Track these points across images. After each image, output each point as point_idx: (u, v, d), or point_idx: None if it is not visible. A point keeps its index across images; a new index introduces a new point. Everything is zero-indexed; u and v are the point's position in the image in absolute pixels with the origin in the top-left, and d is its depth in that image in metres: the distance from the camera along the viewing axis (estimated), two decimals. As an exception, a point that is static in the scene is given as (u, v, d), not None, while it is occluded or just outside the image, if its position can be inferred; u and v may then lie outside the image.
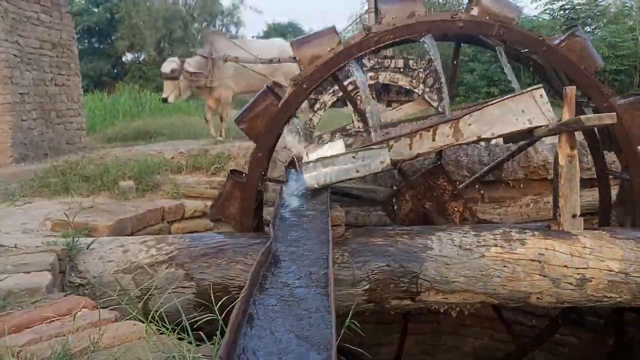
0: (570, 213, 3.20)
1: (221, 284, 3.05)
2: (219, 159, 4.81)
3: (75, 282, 2.98)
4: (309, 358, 1.46)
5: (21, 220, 3.76)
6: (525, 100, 3.25)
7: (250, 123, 3.53)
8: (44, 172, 4.96)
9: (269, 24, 41.97)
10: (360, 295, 3.12)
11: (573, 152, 3.16)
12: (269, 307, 1.80)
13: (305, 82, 3.45)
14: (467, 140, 3.34)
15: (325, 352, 1.47)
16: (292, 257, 2.30)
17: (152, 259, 3.11)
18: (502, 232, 3.21)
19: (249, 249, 3.16)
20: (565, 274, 3.07)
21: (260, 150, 3.52)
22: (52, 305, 2.16)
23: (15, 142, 7.39)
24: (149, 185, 4.61)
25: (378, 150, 3.20)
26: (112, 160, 4.97)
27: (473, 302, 3.21)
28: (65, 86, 8.87)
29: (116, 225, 3.71)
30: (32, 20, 8.03)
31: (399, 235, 3.25)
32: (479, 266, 3.11)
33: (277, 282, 2.02)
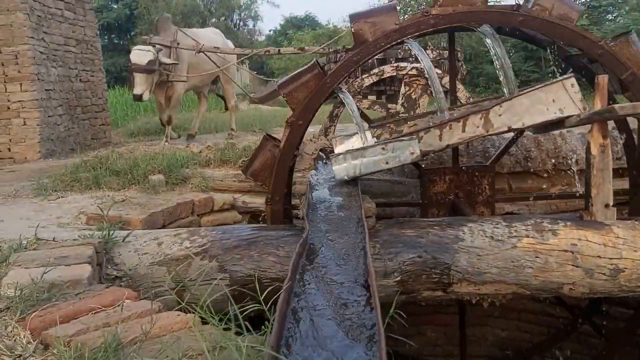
0: (603, 203, 3.19)
1: (254, 276, 3.07)
2: (245, 152, 4.85)
3: (112, 274, 3.03)
4: (356, 349, 1.48)
5: (56, 214, 3.83)
6: (556, 89, 3.23)
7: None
8: (75, 167, 5.04)
9: (286, 17, 42.03)
10: (392, 286, 3.13)
11: (605, 142, 3.14)
12: (310, 298, 1.82)
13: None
14: (497, 131, 3.33)
15: (372, 343, 1.49)
16: (328, 248, 2.33)
17: (185, 251, 3.15)
18: (534, 223, 3.20)
19: (280, 240, 3.19)
20: (598, 265, 3.05)
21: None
22: (96, 296, 2.21)
23: (43, 138, 7.51)
24: (178, 178, 4.66)
25: (408, 142, 3.21)
26: (141, 154, 5.03)
27: (505, 293, 3.20)
28: (89, 82, 8.98)
29: (149, 219, 3.76)
30: (57, 17, 8.13)
31: (430, 227, 3.26)
32: (510, 257, 3.11)
33: (317, 272, 2.05)
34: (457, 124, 3.30)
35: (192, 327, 1.82)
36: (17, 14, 7.22)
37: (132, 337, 1.76)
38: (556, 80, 3.23)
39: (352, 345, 1.49)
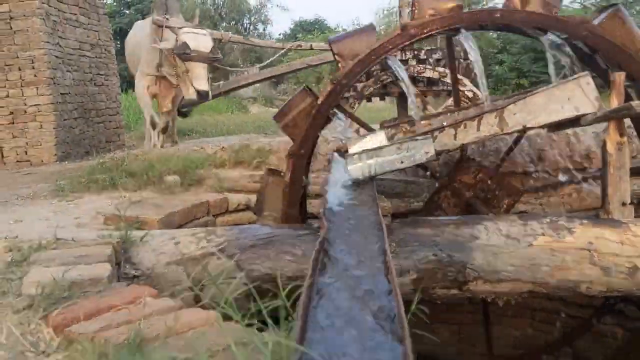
0: (620, 201, 3.17)
1: (270, 275, 3.09)
2: (260, 153, 4.88)
3: (130, 273, 3.06)
4: (383, 344, 1.49)
5: (74, 214, 3.88)
6: (571, 88, 3.22)
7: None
8: (91, 169, 5.10)
9: (295, 21, 42.13)
10: (408, 284, 3.14)
11: (622, 139, 3.13)
12: (331, 293, 1.83)
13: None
14: (512, 130, 3.33)
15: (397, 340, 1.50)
16: (347, 245, 2.34)
17: (202, 250, 3.17)
18: (550, 221, 3.19)
19: (296, 240, 3.20)
20: (615, 263, 3.04)
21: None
22: (117, 294, 2.24)
23: (59, 141, 7.60)
24: (193, 179, 4.70)
25: (423, 141, 3.21)
26: (156, 156, 5.07)
27: (521, 291, 3.20)
28: (104, 86, 9.07)
29: (165, 219, 3.80)
30: (72, 22, 8.23)
31: (445, 225, 3.26)
32: (526, 255, 3.11)
33: (337, 269, 2.06)
34: (472, 123, 3.30)
35: (215, 323, 1.84)
36: (34, 19, 7.32)
37: (156, 333, 1.79)
38: (572, 78, 3.22)
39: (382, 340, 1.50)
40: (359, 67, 3.44)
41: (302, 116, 3.52)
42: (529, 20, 3.37)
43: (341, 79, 3.46)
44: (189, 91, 6.27)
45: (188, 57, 5.96)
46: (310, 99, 3.54)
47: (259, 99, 29.59)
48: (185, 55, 6.01)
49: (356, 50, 3.50)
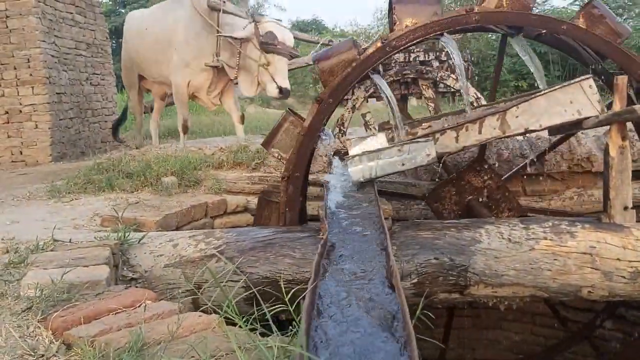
0: (622, 205, 3.16)
1: (270, 278, 3.07)
2: (259, 155, 4.84)
3: (128, 275, 3.03)
4: (388, 351, 1.46)
5: (71, 216, 3.84)
6: (573, 90, 3.21)
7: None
8: (88, 169, 5.05)
9: (293, 21, 42.12)
10: (409, 288, 3.11)
11: (625, 143, 3.11)
12: (335, 298, 1.81)
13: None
14: (514, 133, 3.31)
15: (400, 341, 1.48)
16: (348, 248, 2.31)
17: (201, 252, 3.14)
18: (552, 225, 3.17)
19: (296, 242, 3.17)
20: (617, 267, 3.03)
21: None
22: (116, 297, 2.21)
23: (54, 141, 7.55)
24: (191, 181, 4.66)
25: (424, 143, 3.20)
26: (153, 156, 5.04)
27: (522, 295, 3.18)
28: (100, 85, 9.03)
29: (163, 221, 3.76)
30: (68, 21, 8.18)
31: (447, 229, 3.24)
32: (528, 259, 3.08)
33: (339, 272, 2.03)
34: (474, 126, 3.28)
35: (216, 327, 1.81)
36: (30, 17, 7.27)
37: (156, 338, 1.76)
38: (574, 81, 3.21)
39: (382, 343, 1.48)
40: (343, 84, 3.41)
41: (289, 138, 3.50)
42: (507, 19, 3.37)
43: (327, 97, 3.42)
44: (267, 87, 5.72)
45: (273, 48, 5.46)
46: (293, 120, 3.51)
47: (256, 99, 29.54)
48: (271, 46, 5.50)
49: (339, 67, 3.46)
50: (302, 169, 3.49)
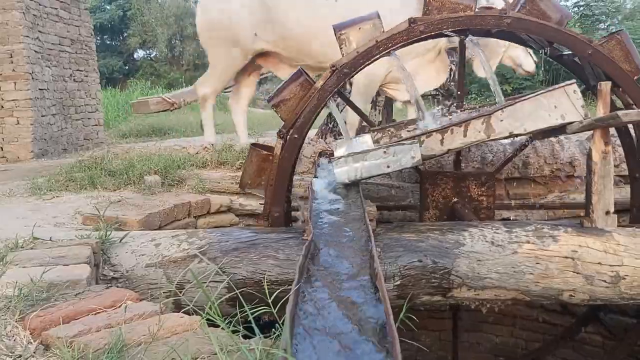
0: (604, 210, 3.19)
1: (253, 279, 3.05)
2: (243, 154, 4.81)
3: (109, 275, 2.99)
4: (369, 350, 1.46)
5: (52, 213, 3.79)
6: (558, 95, 3.23)
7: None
8: (70, 167, 4.99)
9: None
10: (392, 290, 3.11)
11: (607, 148, 3.14)
12: (319, 301, 1.80)
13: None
14: (498, 136, 3.32)
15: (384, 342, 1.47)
16: (333, 250, 2.30)
17: (183, 253, 3.12)
18: (535, 229, 3.19)
19: (280, 243, 3.16)
20: (599, 271, 3.05)
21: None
22: (97, 297, 2.18)
23: (36, 138, 7.46)
24: (174, 180, 4.62)
25: (409, 146, 3.20)
26: (137, 155, 4.99)
27: (505, 298, 3.19)
28: (83, 82, 8.94)
29: (145, 220, 3.73)
30: (52, 16, 8.09)
31: (431, 231, 3.24)
32: (511, 262, 3.10)
33: (323, 274, 2.02)
34: (459, 129, 3.29)
35: (198, 329, 1.79)
36: (13, 12, 7.17)
37: (137, 339, 1.73)
38: (558, 86, 3.23)
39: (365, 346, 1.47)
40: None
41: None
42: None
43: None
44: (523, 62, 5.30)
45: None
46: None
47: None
48: None
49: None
50: (281, 203, 3.47)
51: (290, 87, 3.46)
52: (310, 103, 3.37)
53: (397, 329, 1.92)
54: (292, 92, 3.45)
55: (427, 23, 3.34)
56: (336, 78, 3.37)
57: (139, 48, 29.44)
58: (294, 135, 3.40)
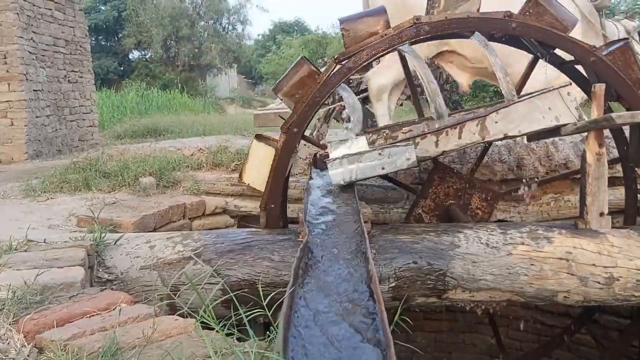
0: (598, 211, 3.20)
1: (248, 281, 3.05)
2: (238, 156, 4.81)
3: (104, 277, 2.99)
4: (365, 353, 1.46)
5: (46, 215, 3.78)
6: (552, 97, 3.24)
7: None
8: (64, 168, 4.98)
9: (275, 22, 42.07)
10: (387, 292, 3.11)
11: (601, 150, 3.15)
12: (314, 304, 1.80)
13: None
14: (493, 138, 3.33)
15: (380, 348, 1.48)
16: (328, 252, 2.31)
17: (178, 255, 3.11)
18: (529, 230, 3.20)
19: (275, 245, 3.15)
20: (593, 273, 3.06)
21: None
22: (91, 299, 2.17)
23: (30, 139, 7.44)
24: (169, 181, 4.61)
25: (404, 147, 3.20)
26: (132, 156, 4.98)
27: (499, 300, 3.20)
28: (78, 83, 8.92)
29: (140, 221, 3.72)
30: (46, 17, 8.07)
31: (426, 233, 3.25)
32: (505, 264, 3.10)
33: (318, 277, 2.03)
34: (454, 131, 3.29)
35: (193, 332, 1.79)
36: (7, 13, 7.15)
37: (131, 342, 1.73)
38: (553, 88, 3.24)
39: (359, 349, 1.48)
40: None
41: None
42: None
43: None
44: None
45: None
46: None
47: (237, 100, 29.48)
48: None
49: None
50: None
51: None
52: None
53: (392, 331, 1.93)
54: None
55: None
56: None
57: (134, 49, 29.41)
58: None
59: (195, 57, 28.17)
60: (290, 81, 3.41)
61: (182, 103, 21.20)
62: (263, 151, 3.46)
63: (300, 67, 3.41)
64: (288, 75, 3.42)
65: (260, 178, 3.43)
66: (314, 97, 3.31)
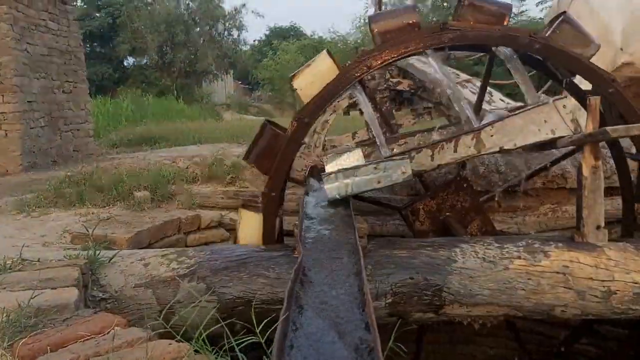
0: (595, 224, 3.18)
1: (243, 298, 3.02)
2: (234, 169, 4.79)
3: (98, 296, 2.96)
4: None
5: (40, 232, 3.75)
6: (547, 110, 3.25)
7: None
8: (59, 182, 4.94)
9: (271, 27, 42.11)
10: (384, 308, 3.10)
11: (597, 163, 3.14)
12: (308, 328, 1.78)
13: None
14: (489, 151, 3.32)
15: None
16: (323, 272, 2.28)
17: (173, 272, 3.09)
18: (526, 244, 3.19)
19: (270, 262, 3.13)
20: (590, 286, 3.05)
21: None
22: (85, 323, 2.15)
23: (25, 150, 7.40)
24: (164, 195, 4.59)
25: (399, 161, 3.19)
26: (126, 170, 4.95)
27: (497, 315, 3.18)
28: (72, 93, 8.87)
29: (134, 237, 3.70)
30: (40, 27, 8.04)
31: (422, 247, 3.23)
32: (502, 279, 3.09)
33: (313, 300, 2.00)
34: (449, 144, 3.28)
35: (186, 357, 1.77)
36: (1, 24, 7.12)
37: (125, 369, 1.71)
38: (548, 101, 3.24)
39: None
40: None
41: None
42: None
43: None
44: None
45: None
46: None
47: (233, 106, 29.45)
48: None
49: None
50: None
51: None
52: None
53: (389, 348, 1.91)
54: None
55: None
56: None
57: (129, 55, 29.35)
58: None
59: (191, 64, 28.12)
60: (258, 149, 3.52)
61: (178, 110, 21.16)
62: (248, 229, 3.47)
63: (263, 134, 3.51)
64: (257, 144, 3.53)
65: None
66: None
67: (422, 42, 3.33)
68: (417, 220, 4.02)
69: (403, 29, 3.36)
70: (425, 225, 4.03)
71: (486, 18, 3.39)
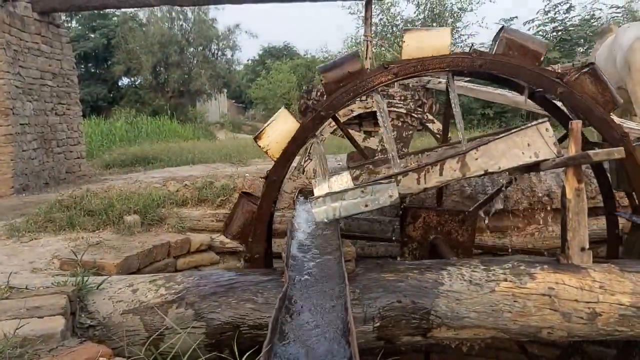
0: (579, 246, 3.22)
1: (232, 324, 3.03)
2: (224, 192, 4.81)
3: (86, 323, 2.96)
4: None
5: (29, 258, 3.75)
6: (530, 134, 3.29)
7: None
8: (49, 207, 4.95)
9: (264, 47, 42.33)
10: (371, 332, 3.10)
11: (580, 186, 3.18)
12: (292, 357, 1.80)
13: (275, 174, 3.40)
14: (473, 174, 3.36)
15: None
16: (308, 300, 2.30)
17: (161, 298, 3.09)
18: (512, 266, 3.21)
19: (258, 287, 3.14)
20: (576, 308, 3.07)
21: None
22: (70, 354, 2.17)
23: (17, 173, 7.40)
24: (154, 219, 4.60)
25: (386, 185, 3.23)
26: (116, 194, 4.96)
27: (484, 337, 3.20)
28: (65, 115, 8.90)
29: (124, 263, 3.70)
30: (33, 51, 8.08)
31: (410, 270, 3.25)
32: (489, 301, 3.11)
33: (297, 330, 2.02)
34: (435, 168, 3.32)
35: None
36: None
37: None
38: (531, 124, 3.28)
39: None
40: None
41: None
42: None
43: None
44: None
45: None
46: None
47: (227, 125, 29.52)
48: None
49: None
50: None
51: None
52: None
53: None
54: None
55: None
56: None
57: (124, 76, 29.46)
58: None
59: (184, 83, 28.25)
60: (237, 221, 3.52)
61: (171, 129, 21.23)
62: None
63: (240, 205, 3.52)
64: (234, 217, 3.53)
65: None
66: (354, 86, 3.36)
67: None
68: (412, 224, 4.04)
69: (345, 78, 3.40)
70: (416, 233, 4.06)
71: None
